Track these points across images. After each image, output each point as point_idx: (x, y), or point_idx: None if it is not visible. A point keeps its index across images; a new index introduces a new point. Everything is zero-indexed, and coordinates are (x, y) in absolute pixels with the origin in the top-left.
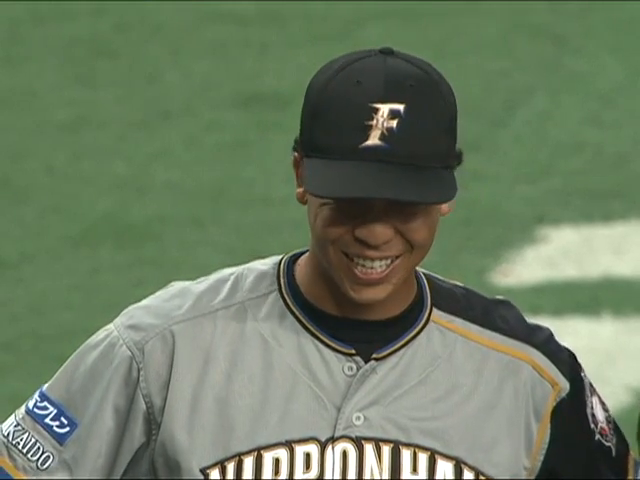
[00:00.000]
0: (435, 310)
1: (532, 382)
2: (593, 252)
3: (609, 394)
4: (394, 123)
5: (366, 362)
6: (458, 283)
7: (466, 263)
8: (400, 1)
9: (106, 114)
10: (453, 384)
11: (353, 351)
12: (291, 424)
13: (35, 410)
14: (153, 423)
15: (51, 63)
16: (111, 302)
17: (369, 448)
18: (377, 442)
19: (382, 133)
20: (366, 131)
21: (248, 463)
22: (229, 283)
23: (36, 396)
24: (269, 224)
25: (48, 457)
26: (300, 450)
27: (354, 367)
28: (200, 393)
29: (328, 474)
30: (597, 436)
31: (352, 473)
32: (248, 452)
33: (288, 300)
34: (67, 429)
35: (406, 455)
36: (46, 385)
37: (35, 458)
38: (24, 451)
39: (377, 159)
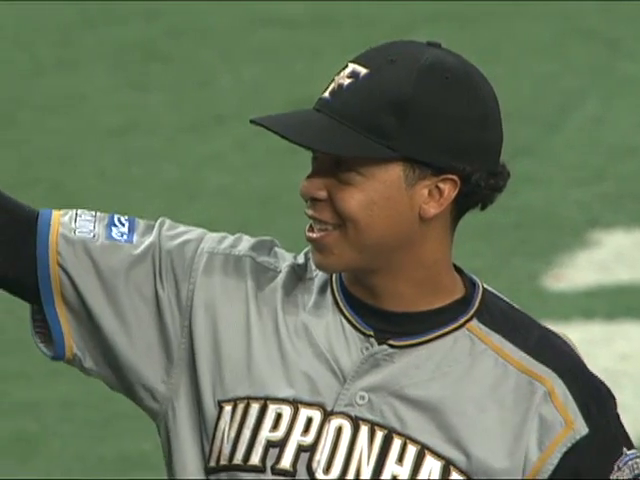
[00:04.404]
0: (475, 321)
1: (544, 408)
2: None
3: None
4: (347, 81)
5: (380, 345)
6: (529, 314)
7: (518, 267)
8: (451, 2)
9: (157, 118)
10: (465, 392)
11: (371, 332)
12: (303, 385)
13: (114, 219)
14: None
15: (102, 67)
16: None
17: (364, 430)
18: (373, 425)
19: (334, 88)
20: (330, 84)
21: (254, 409)
22: (299, 259)
23: (127, 216)
24: None
25: (88, 236)
26: (304, 412)
27: (370, 348)
28: (234, 327)
29: (322, 444)
30: None
31: (343, 450)
32: (256, 398)
33: (333, 279)
34: (118, 242)
35: (396, 444)
36: (139, 219)
37: (77, 227)
38: (76, 220)
39: (316, 107)
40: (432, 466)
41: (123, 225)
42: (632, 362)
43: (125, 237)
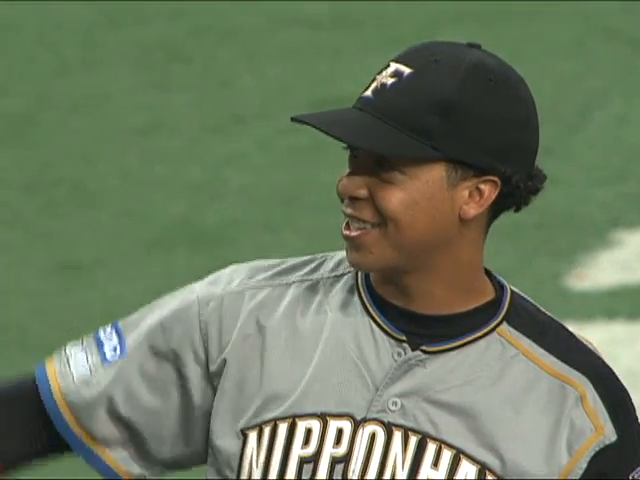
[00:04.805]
0: (505, 324)
1: (575, 412)
2: None
3: None
4: (390, 81)
5: (413, 351)
6: (556, 318)
7: (541, 267)
8: (474, 2)
9: (180, 118)
10: (498, 396)
11: (404, 337)
12: (330, 397)
13: (100, 335)
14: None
15: (125, 67)
16: None
17: (398, 435)
18: (406, 431)
19: (376, 87)
20: (371, 84)
21: (282, 429)
22: (315, 263)
23: (110, 324)
24: None
25: (85, 373)
26: (334, 425)
27: (402, 353)
28: (254, 355)
29: (355, 453)
30: None
31: (377, 457)
32: (284, 418)
33: (359, 281)
34: (114, 359)
35: (431, 449)
36: (122, 320)
37: (73, 370)
38: (70, 362)
39: (358, 107)
40: (468, 470)
41: (111, 338)
42: None
43: (119, 352)
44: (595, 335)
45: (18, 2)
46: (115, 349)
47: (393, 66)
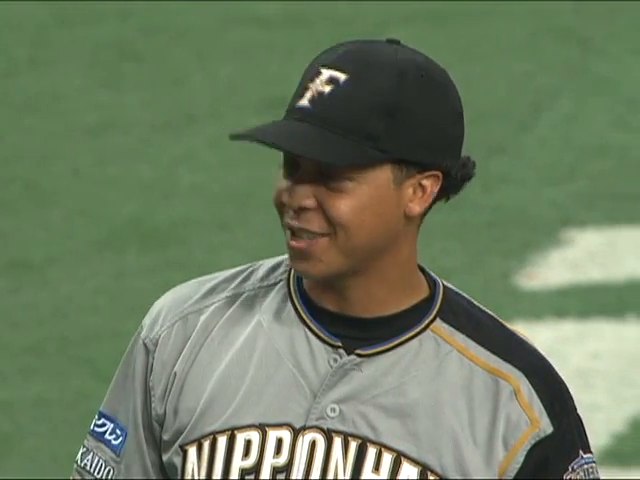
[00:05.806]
0: (438, 321)
1: (510, 407)
2: (618, 255)
3: (634, 397)
4: (327, 88)
5: (349, 355)
6: (489, 311)
7: (491, 266)
8: (426, 2)
9: (131, 117)
10: (435, 395)
11: (339, 344)
12: (268, 408)
13: (95, 429)
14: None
15: (77, 66)
16: (136, 305)
17: (338, 441)
18: (346, 436)
19: (313, 95)
20: (304, 92)
21: (222, 442)
22: (245, 273)
23: (96, 415)
24: None
25: (110, 470)
26: (273, 435)
27: (338, 359)
28: (190, 374)
29: (297, 462)
30: None
31: (318, 464)
32: (222, 431)
33: (292, 289)
34: (120, 439)
35: (371, 453)
36: (103, 403)
37: (100, 475)
38: (91, 470)
39: (297, 118)
40: (409, 472)
41: (105, 425)
42: (604, 361)
43: (119, 432)
44: (545, 334)
45: None
46: (114, 432)
47: (326, 73)
